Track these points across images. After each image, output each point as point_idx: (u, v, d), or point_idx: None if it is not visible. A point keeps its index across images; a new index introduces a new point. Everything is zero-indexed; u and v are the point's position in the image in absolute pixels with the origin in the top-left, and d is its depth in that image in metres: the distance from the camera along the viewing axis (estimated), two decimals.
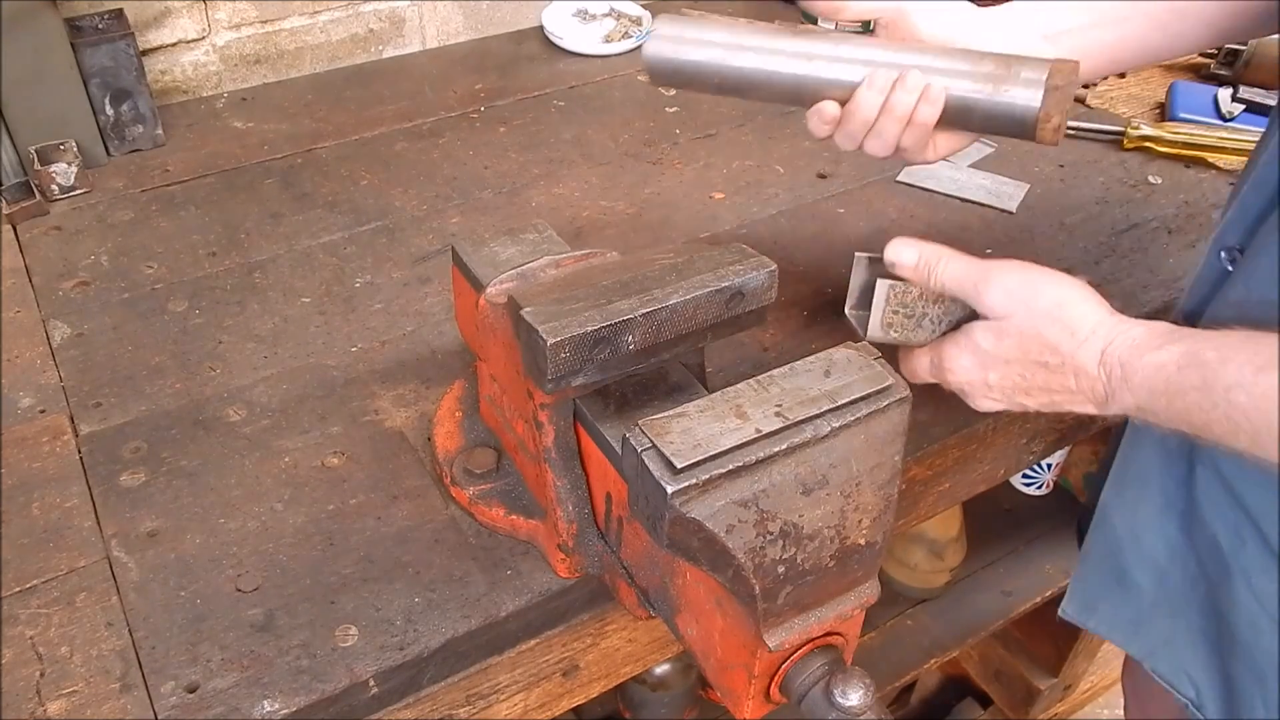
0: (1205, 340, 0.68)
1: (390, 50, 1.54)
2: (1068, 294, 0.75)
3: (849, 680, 0.65)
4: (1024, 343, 0.75)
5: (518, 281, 0.81)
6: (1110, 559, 1.00)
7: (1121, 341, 0.71)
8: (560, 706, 0.93)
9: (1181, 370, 0.67)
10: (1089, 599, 1.04)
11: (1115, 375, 0.71)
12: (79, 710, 0.72)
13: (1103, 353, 0.72)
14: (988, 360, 0.77)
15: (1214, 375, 0.65)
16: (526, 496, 0.85)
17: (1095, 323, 0.73)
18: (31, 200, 1.18)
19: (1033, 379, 0.76)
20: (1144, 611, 0.98)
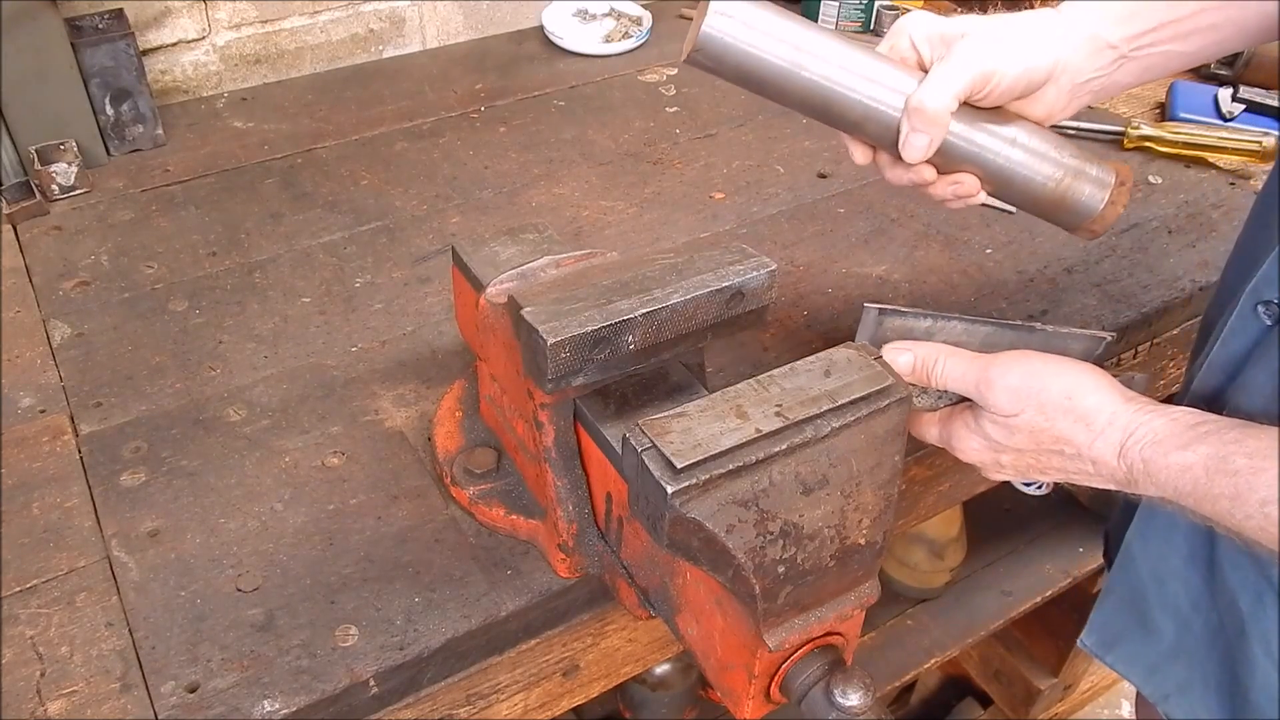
0: (1235, 443, 0.65)
1: (390, 50, 1.54)
2: (1076, 383, 0.72)
3: (849, 680, 0.65)
4: (1036, 436, 0.73)
5: (518, 281, 0.81)
6: (1133, 600, 0.98)
7: (1143, 435, 0.69)
8: (560, 706, 0.93)
9: (1211, 476, 0.65)
10: (1109, 635, 1.03)
11: (1137, 469, 0.69)
12: (79, 710, 0.72)
13: (1122, 446, 0.69)
14: (998, 447, 0.76)
15: (1247, 486, 0.63)
16: (526, 496, 0.85)
17: (1111, 414, 0.70)
18: (32, 200, 1.18)
19: (1048, 463, 0.74)
20: (1163, 656, 0.96)
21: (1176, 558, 0.92)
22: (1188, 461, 0.66)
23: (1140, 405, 0.70)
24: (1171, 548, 0.92)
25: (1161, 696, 0.99)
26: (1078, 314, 1.09)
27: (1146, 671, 1.00)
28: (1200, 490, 0.65)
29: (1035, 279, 1.14)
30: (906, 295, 1.10)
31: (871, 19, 1.62)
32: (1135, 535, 0.96)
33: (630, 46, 1.56)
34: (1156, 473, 0.68)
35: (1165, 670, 0.97)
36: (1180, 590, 0.93)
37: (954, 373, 0.76)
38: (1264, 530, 0.63)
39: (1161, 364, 1.23)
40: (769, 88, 0.77)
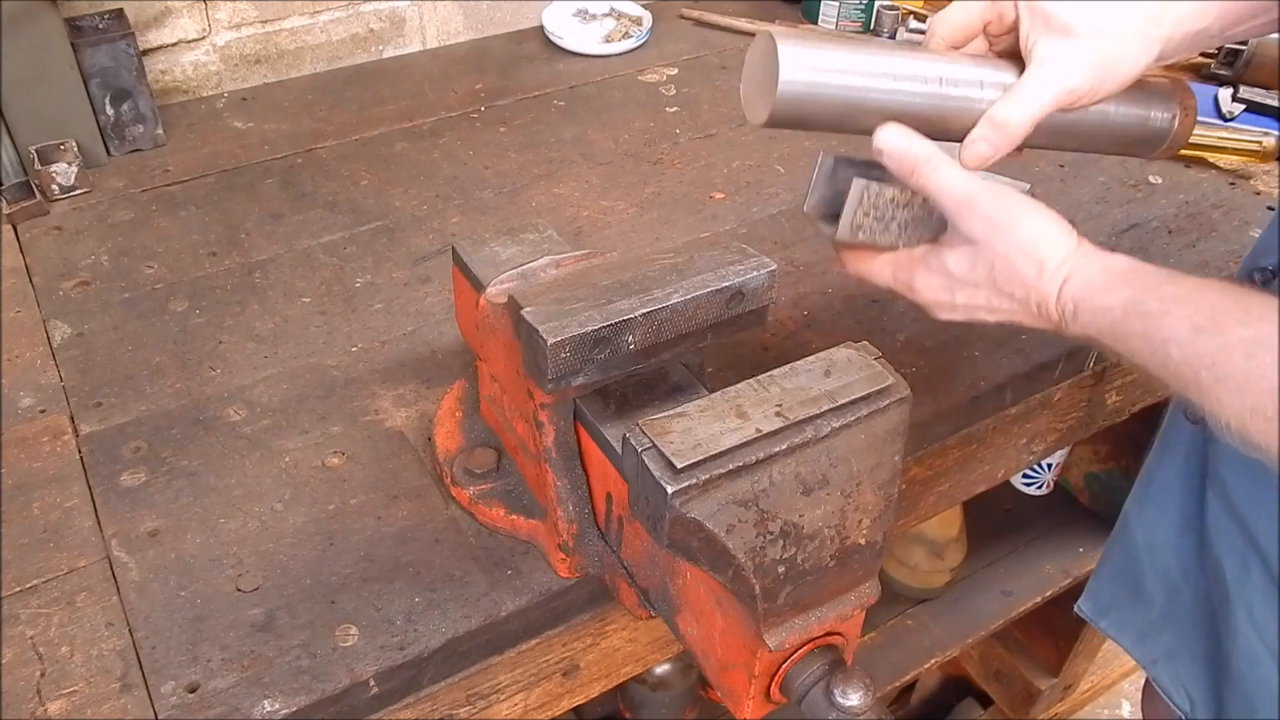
0: (1153, 289, 0.67)
1: (390, 50, 1.54)
2: (1044, 229, 0.73)
3: (849, 680, 0.65)
4: (995, 273, 0.74)
5: (518, 281, 0.81)
6: (1128, 567, 1.00)
7: (1078, 280, 0.71)
8: (560, 706, 0.93)
9: (1126, 317, 0.68)
10: (1104, 601, 1.05)
11: (1068, 311, 0.71)
12: (79, 710, 0.72)
13: (1060, 290, 0.71)
14: (956, 284, 0.76)
15: (1154, 326, 0.66)
16: (527, 496, 0.85)
17: (1062, 258, 0.72)
18: (32, 200, 1.18)
19: (998, 305, 0.75)
20: (1153, 622, 0.99)
21: (1170, 526, 0.94)
22: (1109, 304, 0.69)
23: (1084, 251, 0.72)
24: (1165, 516, 0.94)
25: (1150, 662, 1.01)
26: None
27: (1136, 637, 1.02)
28: (1116, 331, 0.68)
29: None
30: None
31: (871, 19, 1.62)
32: (1132, 504, 0.98)
33: (630, 46, 1.56)
34: (1082, 315, 0.70)
35: (1154, 637, 0.99)
36: (1171, 558, 0.95)
37: (941, 184, 0.73)
38: (1164, 367, 0.65)
39: None
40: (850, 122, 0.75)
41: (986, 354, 1.04)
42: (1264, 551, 0.83)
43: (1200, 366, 0.63)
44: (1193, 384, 0.63)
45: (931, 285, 0.77)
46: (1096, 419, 1.22)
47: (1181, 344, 0.64)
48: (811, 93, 0.71)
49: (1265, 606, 0.84)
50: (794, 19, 1.65)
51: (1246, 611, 0.85)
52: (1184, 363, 0.64)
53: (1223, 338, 0.62)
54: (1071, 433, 1.21)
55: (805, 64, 0.70)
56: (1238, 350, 0.61)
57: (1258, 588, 0.84)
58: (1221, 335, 0.62)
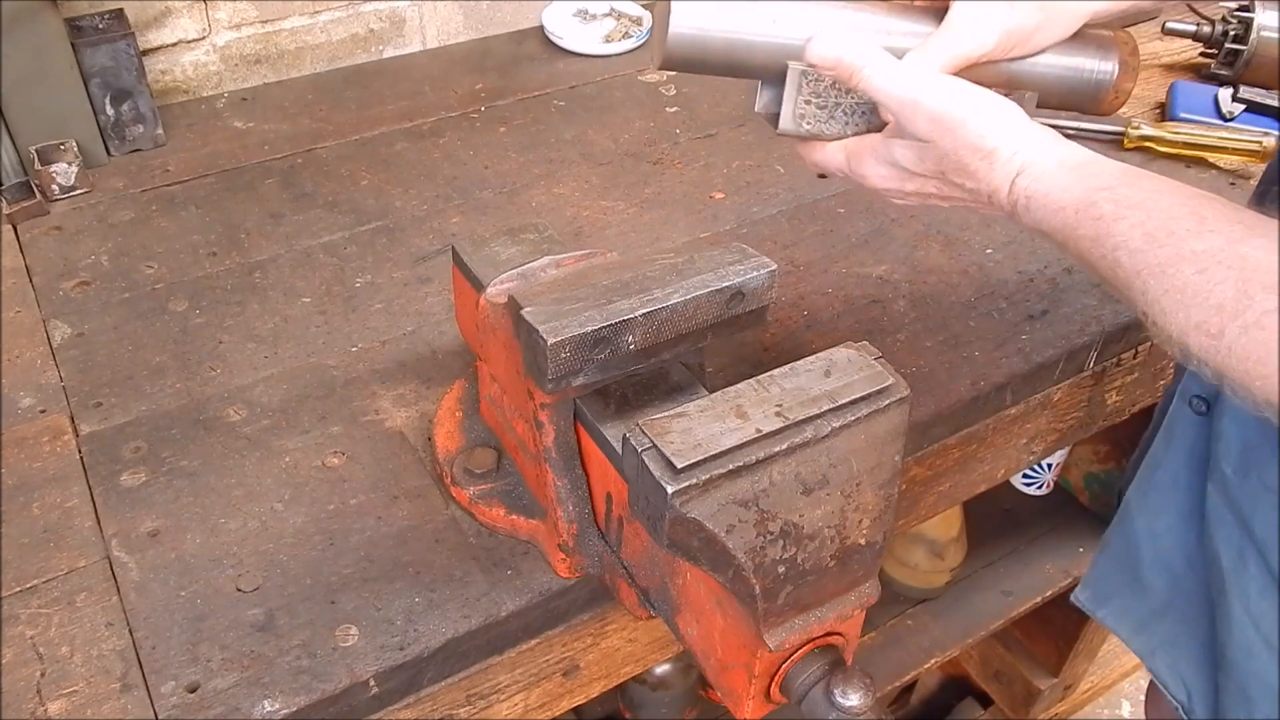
0: (1107, 189, 0.66)
1: (390, 50, 1.54)
2: (993, 120, 0.71)
3: (849, 680, 0.65)
4: (943, 164, 0.73)
5: (518, 281, 0.81)
6: (1127, 556, 1.00)
7: (1031, 174, 0.70)
8: (560, 706, 0.93)
9: (1078, 217, 0.66)
10: (1102, 590, 1.05)
11: (1020, 204, 0.70)
12: (79, 710, 0.72)
13: (1012, 182, 0.70)
14: (905, 175, 0.75)
15: (1106, 231, 0.65)
16: (527, 496, 0.85)
17: (1014, 149, 0.70)
18: (32, 200, 1.18)
19: (949, 192, 0.74)
20: (1153, 612, 0.99)
21: (1173, 515, 0.94)
22: (1062, 202, 0.67)
23: (1038, 140, 0.71)
24: (1169, 505, 0.94)
25: (1148, 652, 1.01)
26: (1078, 314, 1.09)
27: (1135, 627, 1.02)
28: (1068, 230, 0.67)
29: (1035, 279, 1.14)
30: (907, 295, 1.11)
31: None
32: (1134, 492, 0.98)
33: (630, 46, 1.56)
34: (1035, 209, 0.69)
35: (1153, 626, 0.99)
36: (1175, 547, 0.95)
37: (880, 85, 0.72)
38: (1113, 274, 0.65)
39: (1161, 364, 1.23)
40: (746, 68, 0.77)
41: (986, 354, 1.04)
42: (1260, 544, 0.83)
43: (1149, 276, 0.62)
44: (1139, 293, 0.63)
45: (880, 174, 0.76)
46: (1096, 419, 1.22)
47: (1132, 252, 0.63)
48: (702, 38, 0.75)
49: (1261, 598, 0.84)
50: None
51: (1243, 602, 0.85)
52: (1133, 271, 0.63)
53: (1174, 248, 0.61)
54: (1071, 433, 1.21)
55: (697, 11, 0.74)
56: (1188, 262, 0.60)
57: (1254, 579, 0.84)
58: (1173, 245, 0.61)
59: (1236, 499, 0.85)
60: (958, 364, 1.03)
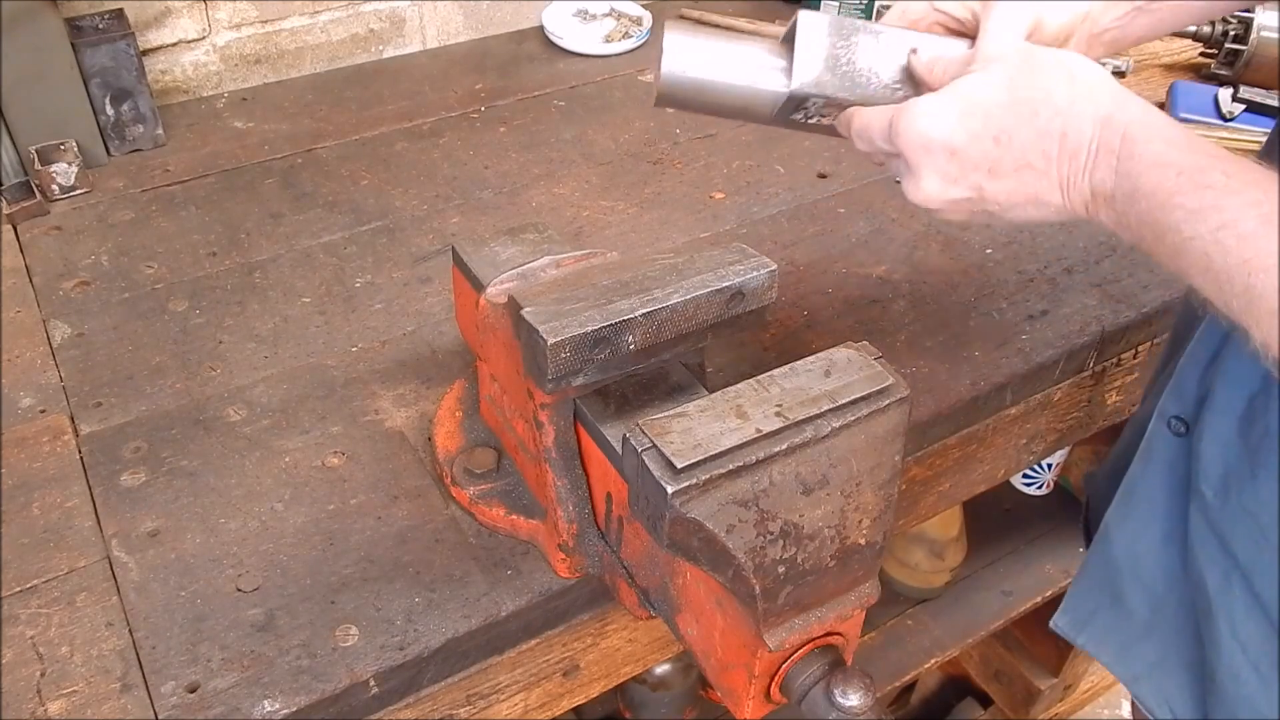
0: (1218, 160, 0.58)
1: (390, 50, 1.54)
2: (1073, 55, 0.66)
3: (849, 680, 0.65)
4: (1016, 86, 0.64)
5: (518, 281, 0.81)
6: (1108, 580, 0.99)
7: (1134, 111, 0.62)
8: (560, 706, 0.93)
9: (1181, 179, 0.58)
10: (1082, 615, 1.04)
11: (1110, 145, 0.62)
12: (79, 710, 0.72)
13: (1110, 116, 0.62)
14: (970, 110, 0.65)
15: (1213, 204, 0.56)
16: (527, 496, 0.85)
17: (1099, 79, 0.63)
18: (32, 200, 1.18)
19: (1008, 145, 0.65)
20: (1135, 635, 0.98)
21: (1153, 537, 0.93)
22: (1166, 156, 0.59)
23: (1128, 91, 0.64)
24: (1148, 527, 0.93)
25: (1131, 677, 1.00)
26: (1078, 314, 1.09)
27: (1118, 651, 1.01)
28: (1161, 193, 0.59)
29: (1035, 279, 1.14)
30: (907, 295, 1.11)
31: (872, 18, 1.62)
32: (1113, 515, 0.97)
33: (630, 46, 1.56)
34: (1129, 156, 0.61)
35: (1136, 649, 0.98)
36: (1156, 570, 0.94)
37: None
38: (1206, 257, 0.57)
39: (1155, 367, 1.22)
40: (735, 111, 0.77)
41: (986, 354, 1.04)
42: (1243, 568, 0.82)
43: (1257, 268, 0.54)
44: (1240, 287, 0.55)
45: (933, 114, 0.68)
46: (1096, 419, 1.22)
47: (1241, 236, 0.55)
48: (690, 82, 0.75)
49: (1248, 621, 0.83)
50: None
51: (1229, 625, 0.84)
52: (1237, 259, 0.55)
53: None
54: (1071, 433, 1.21)
55: (686, 57, 0.74)
56: None
57: (1239, 601, 0.83)
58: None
59: (1218, 522, 0.84)
60: (958, 364, 1.03)
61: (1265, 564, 0.81)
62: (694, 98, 0.76)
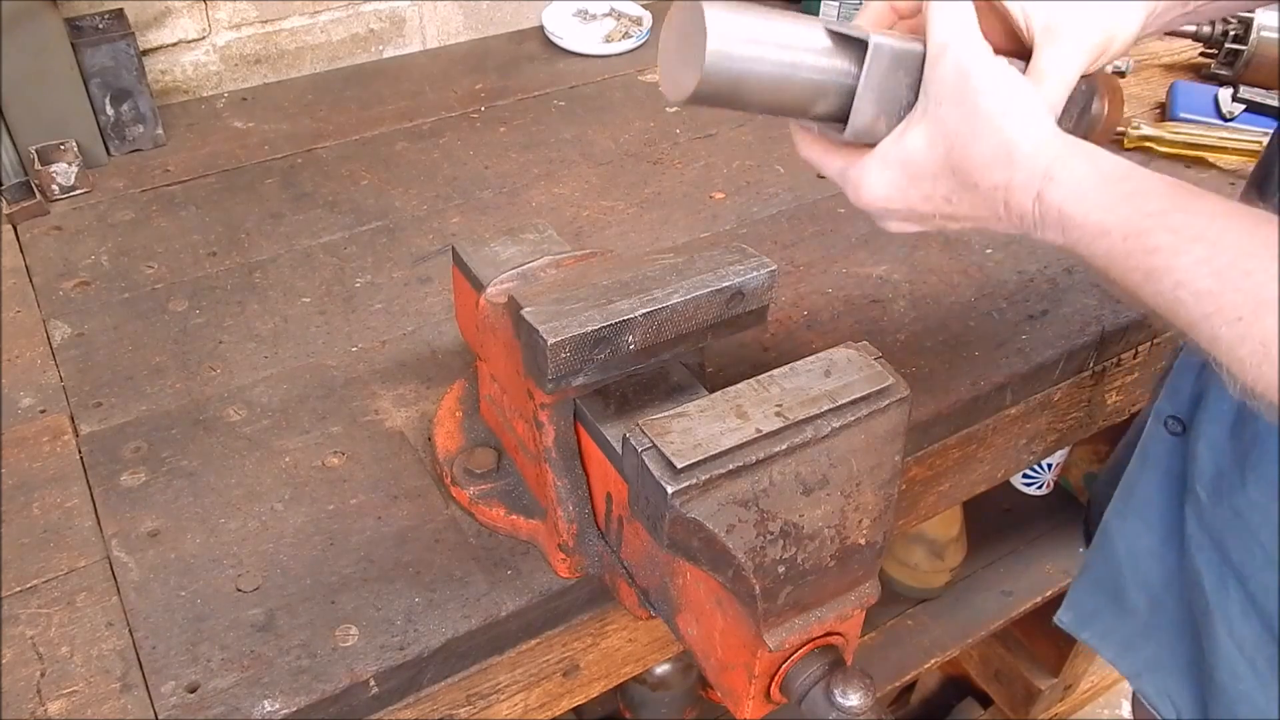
0: (1159, 215, 0.57)
1: (390, 50, 1.54)
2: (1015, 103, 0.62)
3: (849, 680, 0.65)
4: (953, 155, 0.63)
5: (518, 281, 0.81)
6: (1109, 577, 0.99)
7: (1063, 183, 0.60)
8: (560, 706, 0.93)
9: (1127, 244, 0.58)
10: (1085, 612, 1.04)
11: (1051, 217, 0.61)
12: (79, 710, 0.72)
13: (1040, 193, 0.61)
14: (910, 177, 0.65)
15: (1164, 266, 0.56)
16: (527, 496, 0.85)
17: (1036, 145, 0.61)
18: (32, 200, 1.18)
19: (957, 202, 0.65)
20: (1137, 632, 0.98)
21: (1152, 537, 0.93)
22: (1105, 225, 0.59)
23: (1066, 142, 0.62)
24: (1147, 526, 0.93)
25: (1134, 674, 1.00)
26: (1078, 314, 1.09)
27: (1120, 648, 1.01)
28: (1113, 259, 0.59)
29: (1035, 279, 1.14)
30: (907, 295, 1.11)
31: None
32: (1113, 513, 0.97)
33: (630, 46, 1.56)
34: (1068, 229, 0.61)
35: (1138, 648, 0.98)
36: (1154, 569, 0.94)
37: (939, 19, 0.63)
38: (1172, 313, 0.57)
39: (1161, 364, 1.23)
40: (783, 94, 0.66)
41: (986, 354, 1.04)
42: (1237, 569, 0.83)
43: (1221, 323, 0.54)
44: (1209, 339, 0.56)
45: (883, 181, 0.67)
46: (1096, 419, 1.22)
47: (1198, 294, 0.55)
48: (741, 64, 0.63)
49: (1244, 621, 0.83)
50: None
51: (1226, 625, 0.85)
52: (1201, 316, 0.55)
53: (1251, 292, 0.53)
54: (1071, 433, 1.21)
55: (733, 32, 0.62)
56: (1269, 310, 0.52)
57: (1235, 602, 0.84)
58: (1250, 288, 0.53)
59: (1212, 523, 0.85)
60: (958, 364, 1.03)
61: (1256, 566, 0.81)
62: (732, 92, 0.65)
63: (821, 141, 0.71)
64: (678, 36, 0.64)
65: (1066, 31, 0.66)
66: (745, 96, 0.65)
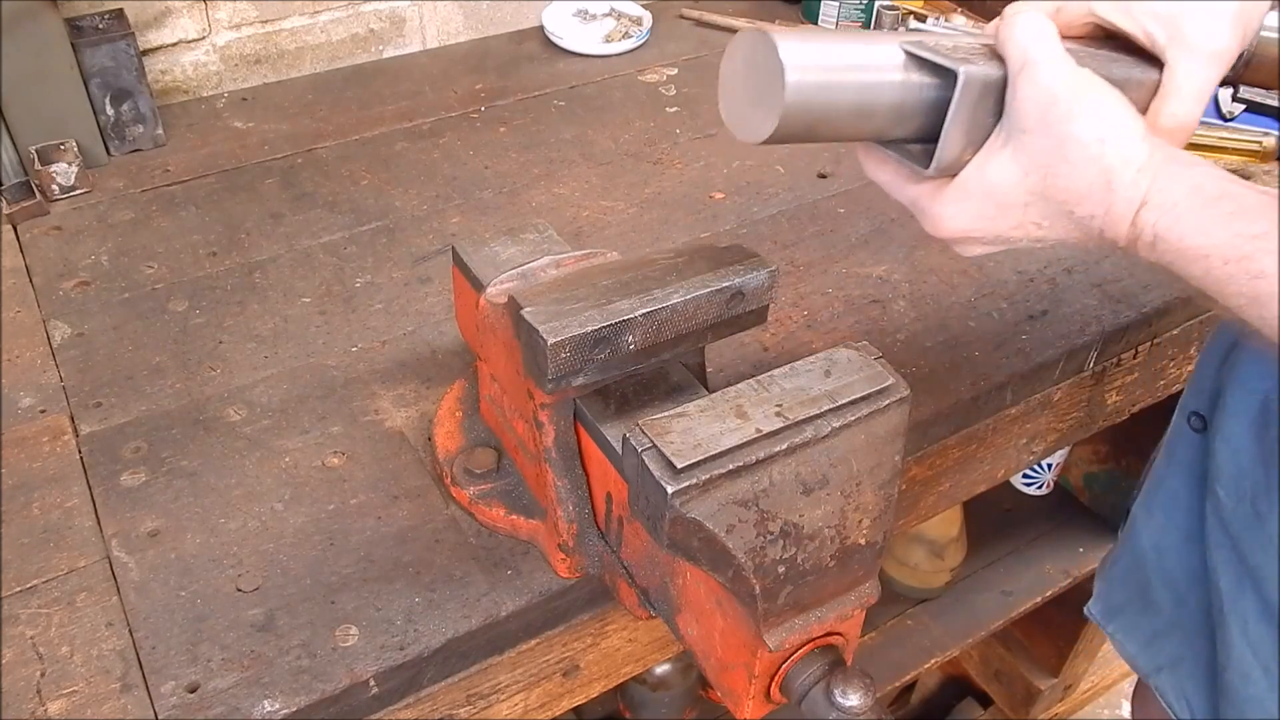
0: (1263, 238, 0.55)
1: (390, 50, 1.54)
2: (1113, 126, 0.59)
3: (849, 680, 0.65)
4: (1047, 184, 0.60)
5: (518, 281, 0.81)
6: (1135, 572, 0.99)
7: (1159, 206, 0.58)
8: (560, 706, 0.93)
9: (1228, 268, 0.55)
10: (1114, 604, 1.04)
11: (1145, 239, 0.59)
12: (79, 710, 0.72)
13: (1138, 213, 0.58)
14: (998, 208, 0.62)
15: (1269, 292, 0.54)
16: (527, 496, 0.85)
17: (1138, 169, 0.58)
18: (32, 200, 1.18)
19: (1050, 229, 0.63)
20: (1160, 629, 0.98)
21: (1176, 533, 0.93)
22: (1203, 249, 0.56)
23: (1165, 157, 0.59)
24: (1171, 524, 0.93)
25: (1154, 669, 1.00)
26: (1078, 314, 1.09)
27: (1142, 643, 1.01)
28: (1214, 282, 0.57)
29: (1035, 279, 1.14)
30: (907, 295, 1.11)
31: (871, 19, 1.62)
32: (1140, 507, 0.96)
33: (630, 46, 1.56)
34: (1166, 252, 0.58)
35: (1160, 644, 0.99)
36: (1177, 566, 0.94)
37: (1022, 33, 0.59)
38: (1272, 329, 0.55)
39: (1161, 364, 1.23)
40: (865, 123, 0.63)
41: (986, 354, 1.04)
42: (1254, 571, 0.82)
43: None
44: None
45: (966, 213, 0.64)
46: (1096, 419, 1.22)
47: None
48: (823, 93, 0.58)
49: (1258, 623, 0.83)
50: (793, 19, 1.65)
51: (1241, 626, 0.84)
52: None
53: None
54: (1071, 433, 1.21)
55: (810, 60, 0.58)
56: None
57: (1251, 604, 0.83)
58: None
59: (1231, 524, 0.84)
60: (958, 364, 1.03)
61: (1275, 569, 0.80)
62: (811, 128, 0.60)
63: (894, 167, 0.67)
64: (743, 71, 0.60)
65: (1199, 39, 0.64)
66: (824, 132, 0.61)
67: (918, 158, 0.66)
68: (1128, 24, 0.65)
